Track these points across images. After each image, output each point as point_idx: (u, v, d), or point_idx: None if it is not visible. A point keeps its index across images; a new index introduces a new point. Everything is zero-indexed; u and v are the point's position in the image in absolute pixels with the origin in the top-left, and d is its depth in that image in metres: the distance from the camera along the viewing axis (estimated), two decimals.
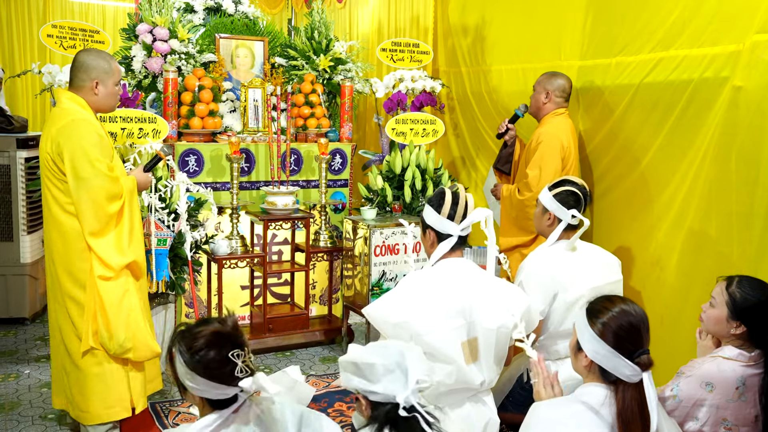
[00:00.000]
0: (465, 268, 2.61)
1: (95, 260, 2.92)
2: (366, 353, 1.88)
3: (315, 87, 4.72)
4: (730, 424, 2.29)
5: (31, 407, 3.53)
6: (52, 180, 2.93)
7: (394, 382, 1.82)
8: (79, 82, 3.02)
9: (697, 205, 3.21)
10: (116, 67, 3.12)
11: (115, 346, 2.94)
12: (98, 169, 2.89)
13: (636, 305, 1.99)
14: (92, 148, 2.89)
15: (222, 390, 1.75)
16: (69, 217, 2.92)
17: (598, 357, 1.94)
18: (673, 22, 3.36)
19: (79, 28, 4.47)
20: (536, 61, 4.45)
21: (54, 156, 2.88)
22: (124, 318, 2.95)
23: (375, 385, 1.84)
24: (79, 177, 2.86)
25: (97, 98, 3.05)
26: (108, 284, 2.93)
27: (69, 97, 3.01)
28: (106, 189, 2.91)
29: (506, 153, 4.30)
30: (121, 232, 2.98)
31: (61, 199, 2.92)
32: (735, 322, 2.33)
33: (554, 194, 2.99)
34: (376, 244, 4.13)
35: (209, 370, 1.73)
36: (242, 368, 1.73)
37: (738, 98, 2.94)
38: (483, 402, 2.56)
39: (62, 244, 2.94)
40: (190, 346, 1.75)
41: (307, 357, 4.35)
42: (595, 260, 3.01)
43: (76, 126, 2.92)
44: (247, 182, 4.47)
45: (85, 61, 3.03)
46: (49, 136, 2.91)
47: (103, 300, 2.92)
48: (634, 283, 3.60)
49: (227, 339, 1.76)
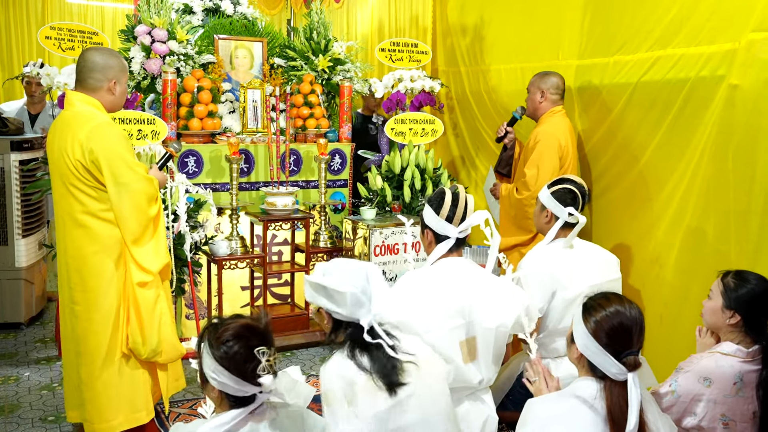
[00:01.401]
0: (464, 267, 2.61)
1: (134, 267, 2.86)
2: (336, 280, 2.01)
3: (314, 87, 4.72)
4: (728, 419, 2.30)
5: (31, 410, 3.54)
6: (78, 187, 2.79)
7: (360, 308, 2.00)
8: (95, 83, 2.89)
9: (695, 203, 3.22)
10: (125, 63, 3.05)
11: (148, 351, 2.90)
12: (138, 173, 2.82)
13: (633, 306, 2.00)
14: (127, 153, 2.82)
15: (242, 386, 1.75)
16: (103, 224, 2.82)
17: (588, 352, 1.96)
18: (670, 20, 3.37)
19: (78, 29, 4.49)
20: (535, 60, 4.46)
21: (87, 163, 2.75)
22: (157, 323, 2.91)
23: (341, 308, 2.00)
24: (120, 183, 2.77)
25: (114, 98, 2.95)
26: (145, 291, 2.89)
27: (82, 99, 2.88)
28: (146, 192, 2.84)
29: (506, 156, 4.31)
30: (158, 235, 2.94)
31: (92, 206, 2.81)
32: (729, 312, 2.36)
33: (552, 192, 3.01)
34: (376, 244, 4.14)
35: (233, 363, 1.73)
36: (265, 367, 1.73)
37: (734, 96, 2.95)
38: (482, 400, 2.57)
39: (94, 251, 2.83)
40: (218, 337, 1.76)
41: (308, 357, 4.36)
42: (594, 258, 3.02)
43: (105, 130, 2.81)
44: (247, 183, 4.48)
45: (99, 61, 2.89)
46: (75, 141, 2.75)
47: (140, 306, 2.87)
48: (634, 281, 3.61)
49: (255, 334, 1.77)
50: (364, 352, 1.99)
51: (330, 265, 2.09)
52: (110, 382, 2.91)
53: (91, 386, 2.91)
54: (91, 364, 2.89)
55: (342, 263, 2.08)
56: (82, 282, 2.87)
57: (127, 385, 2.94)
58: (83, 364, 2.91)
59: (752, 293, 2.34)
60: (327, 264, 2.10)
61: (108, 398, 2.91)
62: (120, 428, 2.94)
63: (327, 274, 2.05)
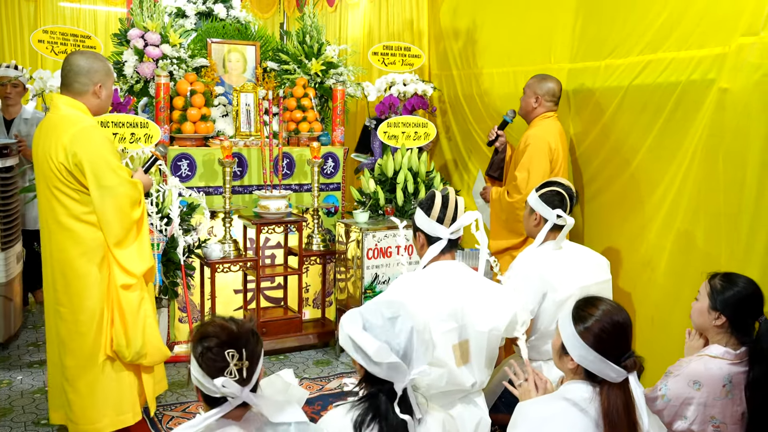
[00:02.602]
0: (456, 270, 2.62)
1: (117, 270, 2.88)
2: (374, 346, 1.80)
3: (307, 91, 4.73)
4: (718, 422, 2.32)
5: (23, 413, 3.53)
6: (62, 190, 2.82)
7: (397, 374, 1.83)
8: (81, 87, 2.91)
9: (686, 206, 3.24)
10: (111, 67, 3.07)
11: (132, 353, 2.92)
12: (121, 177, 2.85)
13: (618, 307, 2.01)
14: (111, 156, 2.85)
15: (210, 385, 1.75)
16: (87, 227, 2.84)
17: (585, 362, 1.95)
18: (660, 24, 3.39)
19: (71, 33, 4.49)
20: (527, 64, 4.48)
21: (70, 166, 2.77)
22: (141, 325, 2.94)
23: (376, 368, 1.83)
24: (103, 186, 2.79)
25: (100, 101, 2.97)
26: (128, 293, 2.91)
27: (67, 103, 2.90)
28: (129, 196, 2.87)
29: (498, 159, 4.32)
30: (142, 238, 2.96)
31: (75, 209, 2.83)
32: (715, 313, 2.38)
33: (540, 195, 3.03)
34: (369, 247, 4.15)
35: (204, 361, 1.74)
36: (232, 370, 1.73)
37: (725, 100, 2.97)
38: (474, 403, 2.58)
39: (79, 254, 2.85)
40: (200, 333, 1.78)
41: (301, 360, 4.36)
42: (584, 260, 3.04)
43: (89, 134, 2.83)
44: (240, 186, 4.48)
45: (84, 65, 2.91)
46: (58, 144, 2.78)
47: (124, 309, 2.89)
48: (625, 284, 3.62)
49: (232, 336, 1.76)
50: (375, 424, 1.83)
51: (371, 314, 1.88)
52: (95, 384, 2.94)
53: (75, 387, 2.94)
54: (75, 366, 2.92)
55: (385, 310, 1.87)
56: (66, 284, 2.90)
57: (112, 387, 2.96)
58: (67, 366, 2.94)
59: (738, 295, 2.36)
60: (368, 312, 1.88)
61: (93, 400, 2.94)
62: (105, 430, 2.95)
63: (367, 329, 1.85)
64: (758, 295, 2.37)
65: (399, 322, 1.85)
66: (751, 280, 2.41)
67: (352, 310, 1.92)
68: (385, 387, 1.85)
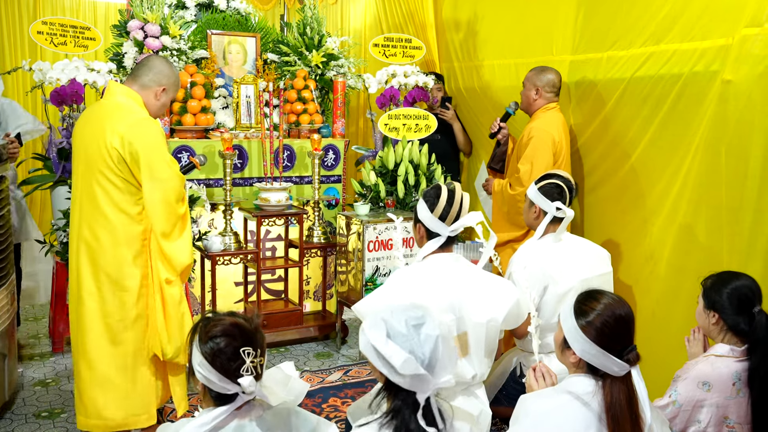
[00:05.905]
0: (454, 263, 2.62)
1: (162, 263, 2.87)
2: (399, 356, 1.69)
3: (307, 83, 4.71)
4: (733, 422, 2.29)
5: (24, 405, 3.53)
6: (106, 175, 2.81)
7: (421, 383, 1.73)
8: (148, 82, 2.96)
9: (688, 200, 3.23)
10: (180, 81, 3.12)
11: (174, 349, 2.88)
12: (173, 171, 2.87)
13: (621, 300, 2.00)
14: (165, 150, 2.89)
15: (224, 384, 1.74)
16: (122, 216, 2.83)
17: (588, 356, 1.95)
18: (663, 16, 3.37)
19: (70, 24, 4.46)
20: (528, 55, 4.46)
21: (125, 154, 2.77)
22: (181, 322, 2.91)
23: (399, 378, 1.73)
24: (156, 178, 2.80)
25: (156, 103, 3.00)
26: (171, 288, 2.89)
27: (125, 93, 2.93)
28: (177, 190, 2.88)
29: (500, 152, 4.31)
30: (186, 234, 2.95)
31: (116, 197, 2.82)
32: (709, 312, 2.38)
33: (539, 187, 3.03)
34: (370, 240, 4.14)
35: (218, 360, 1.73)
36: (249, 368, 1.73)
37: (728, 92, 2.95)
38: (475, 395, 2.58)
39: (111, 244, 2.83)
40: (207, 331, 1.76)
41: (302, 353, 4.36)
42: (585, 252, 3.03)
43: (147, 125, 2.86)
44: (240, 178, 4.47)
45: (158, 65, 2.99)
46: (114, 131, 2.78)
47: (167, 304, 2.87)
48: (626, 277, 3.61)
49: (244, 334, 1.76)
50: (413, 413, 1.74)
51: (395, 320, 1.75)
52: (111, 378, 2.89)
53: (89, 379, 2.89)
54: (95, 359, 2.88)
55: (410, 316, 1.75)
56: (95, 272, 2.86)
57: (128, 384, 2.91)
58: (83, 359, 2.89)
59: (726, 292, 2.35)
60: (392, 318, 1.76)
61: (105, 394, 2.89)
62: (117, 428, 2.91)
63: (391, 337, 1.73)
64: (748, 288, 2.36)
65: (424, 329, 1.74)
66: (741, 275, 2.41)
67: (374, 315, 1.79)
68: (410, 398, 1.74)
